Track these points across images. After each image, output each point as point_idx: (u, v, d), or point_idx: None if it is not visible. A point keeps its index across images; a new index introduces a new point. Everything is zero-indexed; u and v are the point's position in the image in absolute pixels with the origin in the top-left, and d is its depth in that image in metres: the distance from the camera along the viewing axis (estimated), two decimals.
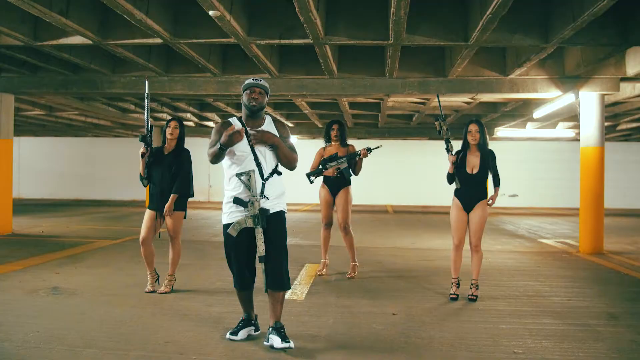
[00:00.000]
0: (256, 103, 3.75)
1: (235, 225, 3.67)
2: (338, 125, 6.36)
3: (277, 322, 3.73)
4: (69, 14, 6.17)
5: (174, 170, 5.27)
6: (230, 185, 3.75)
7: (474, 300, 5.13)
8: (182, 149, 5.40)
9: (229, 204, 3.76)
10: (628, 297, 5.62)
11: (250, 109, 3.77)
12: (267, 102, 3.87)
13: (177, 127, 5.38)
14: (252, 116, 3.82)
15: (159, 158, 5.32)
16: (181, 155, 5.35)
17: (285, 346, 3.60)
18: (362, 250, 8.36)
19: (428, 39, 6.64)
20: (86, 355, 3.56)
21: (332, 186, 6.29)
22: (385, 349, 3.79)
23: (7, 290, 5.36)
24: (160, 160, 5.32)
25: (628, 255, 8.50)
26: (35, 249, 8.06)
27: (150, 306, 4.86)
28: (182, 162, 5.31)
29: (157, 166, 5.30)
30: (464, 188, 5.24)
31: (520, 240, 10.43)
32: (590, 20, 5.60)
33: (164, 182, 5.27)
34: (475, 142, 5.20)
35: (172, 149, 5.38)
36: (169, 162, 5.30)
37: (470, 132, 5.22)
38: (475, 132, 5.19)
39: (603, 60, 7.59)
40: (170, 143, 5.39)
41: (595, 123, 8.77)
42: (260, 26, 6.65)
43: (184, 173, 5.30)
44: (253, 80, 3.79)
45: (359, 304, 5.11)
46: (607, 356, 3.71)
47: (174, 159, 5.32)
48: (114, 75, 9.43)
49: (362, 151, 6.14)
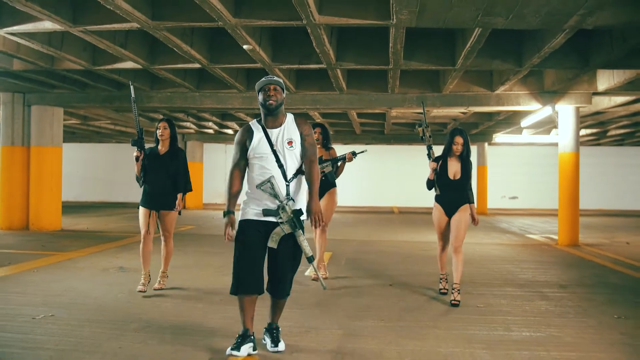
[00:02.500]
0: (273, 101, 3.58)
1: (274, 237, 3.52)
2: (320, 129, 6.36)
3: (272, 323, 3.76)
4: (127, 46, 7.59)
5: (173, 171, 5.41)
6: (251, 186, 3.64)
7: (457, 306, 5.04)
8: (177, 149, 5.52)
9: (247, 201, 3.65)
10: (581, 275, 6.91)
11: (268, 107, 3.60)
12: (284, 98, 3.69)
13: (166, 128, 5.45)
14: (270, 114, 3.65)
15: (155, 158, 5.41)
16: (178, 156, 5.47)
17: (274, 350, 3.64)
18: (367, 242, 9.70)
19: (422, 65, 8.00)
20: (152, 301, 4.93)
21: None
22: (386, 301, 5.13)
23: (85, 269, 6.76)
24: (156, 160, 5.41)
25: (600, 247, 9.77)
26: (89, 241, 9.47)
27: (206, 268, 6.23)
28: (180, 163, 5.46)
29: (153, 166, 5.38)
30: (446, 193, 5.34)
31: (509, 235, 11.72)
32: (552, 50, 6.94)
33: (160, 182, 5.38)
34: (459, 153, 5.30)
35: (167, 149, 5.47)
36: (165, 162, 5.41)
37: (455, 144, 5.28)
38: (460, 146, 5.26)
39: (572, 80, 8.93)
40: (164, 143, 5.48)
41: (571, 132, 10.07)
42: (282, 54, 8.03)
43: (183, 172, 5.49)
44: (266, 79, 3.65)
45: (362, 279, 6.45)
46: (546, 309, 5.03)
47: (170, 159, 5.43)
48: (151, 91, 10.86)
49: (348, 155, 6.20)
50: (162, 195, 5.42)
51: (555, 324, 4.52)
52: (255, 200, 3.60)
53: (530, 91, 9.99)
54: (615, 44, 6.93)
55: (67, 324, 4.29)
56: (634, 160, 22.96)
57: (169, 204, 5.46)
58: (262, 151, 3.59)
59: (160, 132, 5.45)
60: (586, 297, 5.58)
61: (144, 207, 5.44)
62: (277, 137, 3.62)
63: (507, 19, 5.64)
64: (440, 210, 5.38)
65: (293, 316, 4.62)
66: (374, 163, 22.55)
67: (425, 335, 4.15)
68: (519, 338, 4.12)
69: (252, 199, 3.63)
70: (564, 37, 6.32)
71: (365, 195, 22.52)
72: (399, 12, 5.50)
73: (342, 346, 3.85)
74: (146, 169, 5.36)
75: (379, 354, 3.72)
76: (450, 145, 5.33)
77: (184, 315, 4.65)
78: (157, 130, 5.46)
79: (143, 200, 5.45)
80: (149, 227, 5.46)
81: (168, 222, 5.54)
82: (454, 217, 5.28)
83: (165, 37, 6.77)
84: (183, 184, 5.52)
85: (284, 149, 3.60)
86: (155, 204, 5.43)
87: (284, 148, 3.60)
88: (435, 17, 5.73)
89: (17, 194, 11.23)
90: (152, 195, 5.41)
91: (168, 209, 5.48)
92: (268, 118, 3.67)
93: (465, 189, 5.32)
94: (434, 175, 5.40)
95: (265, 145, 3.59)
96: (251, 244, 3.53)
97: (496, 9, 5.37)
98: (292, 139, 3.63)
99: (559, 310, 5.03)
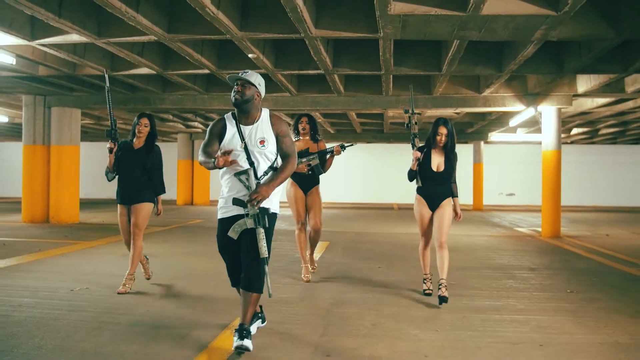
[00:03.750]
0: (238, 96, 3.56)
1: (236, 227, 3.52)
2: (307, 119, 5.94)
3: (242, 324, 3.51)
4: (143, 54, 8.41)
5: (149, 167, 5.20)
6: (224, 182, 3.66)
7: (445, 301, 4.79)
8: (154, 145, 5.28)
9: (223, 199, 3.66)
10: (552, 260, 7.66)
11: (233, 103, 3.60)
12: (256, 94, 3.63)
13: (147, 126, 5.24)
14: (239, 110, 3.63)
15: (128, 152, 5.20)
16: (155, 153, 5.24)
17: (239, 344, 3.42)
18: (363, 234, 10.49)
19: (411, 70, 8.78)
20: (164, 289, 5.74)
21: (302, 184, 5.90)
22: (373, 279, 5.92)
23: (107, 255, 7.58)
24: (130, 154, 5.20)
25: (580, 238, 10.51)
26: (107, 232, 10.31)
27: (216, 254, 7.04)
28: (155, 160, 5.24)
29: (127, 160, 5.18)
30: (429, 186, 5.08)
31: (499, 229, 12.48)
32: (526, 58, 7.70)
33: (134, 177, 5.18)
34: (442, 144, 5.03)
35: (142, 145, 5.25)
36: (140, 157, 5.19)
37: (439, 135, 5.00)
38: (444, 136, 4.98)
39: (551, 83, 9.70)
40: (140, 139, 5.26)
41: (553, 131, 10.82)
42: (284, 61, 8.82)
43: (159, 171, 5.30)
44: (235, 74, 3.63)
45: (354, 261, 7.25)
46: (510, 286, 5.80)
47: (146, 155, 5.21)
48: (163, 94, 11.68)
49: (336, 148, 5.78)
50: (136, 190, 5.20)
51: (514, 296, 5.30)
52: (224, 198, 3.65)
53: (515, 93, 10.75)
54: (583, 53, 7.70)
55: (100, 294, 5.10)
56: (629, 158, 23.62)
57: (143, 197, 5.21)
58: (234, 147, 3.55)
59: (140, 128, 5.21)
60: (549, 277, 6.35)
61: (121, 204, 5.29)
62: (249, 135, 3.58)
63: (480, 32, 6.41)
64: (422, 203, 5.12)
65: (289, 291, 5.42)
66: (375, 161, 23.35)
67: (400, 302, 4.93)
68: (479, 306, 4.90)
69: (223, 198, 3.67)
70: (533, 48, 7.08)
71: (366, 192, 23.31)
72: (384, 27, 6.29)
73: (330, 311, 4.65)
74: (119, 162, 5.16)
75: (360, 315, 4.51)
76: (434, 136, 5.05)
77: (200, 285, 5.45)
78: (136, 126, 5.22)
79: (119, 197, 5.28)
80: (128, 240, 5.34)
81: (140, 215, 5.21)
82: (438, 211, 5.03)
83: (178, 48, 7.57)
84: (160, 184, 5.33)
85: (255, 148, 3.56)
86: (129, 199, 5.22)
87: (255, 146, 3.57)
88: (417, 31, 6.51)
89: (38, 189, 12.08)
90: (126, 189, 5.22)
91: (141, 202, 5.22)
92: (239, 114, 3.65)
93: (449, 181, 5.07)
94: (417, 166, 5.07)
95: (237, 142, 3.57)
96: (223, 245, 3.66)
97: (469, 25, 6.14)
98: (265, 138, 3.59)
99: (522, 286, 5.80)
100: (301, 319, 4.36)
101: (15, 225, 11.51)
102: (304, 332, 4.02)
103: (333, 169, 7.59)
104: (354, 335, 3.93)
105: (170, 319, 4.35)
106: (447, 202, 5.06)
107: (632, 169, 23.56)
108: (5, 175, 24.74)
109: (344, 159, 22.86)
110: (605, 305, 4.97)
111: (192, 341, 3.76)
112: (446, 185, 5.08)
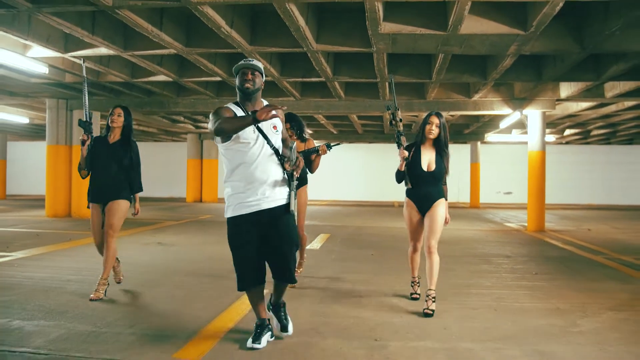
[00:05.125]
0: (250, 84, 3.48)
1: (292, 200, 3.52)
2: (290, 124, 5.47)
3: (278, 301, 3.73)
4: (162, 64, 9.34)
5: (127, 163, 4.87)
6: (235, 177, 3.50)
7: (431, 316, 4.40)
8: (130, 140, 4.93)
9: (234, 196, 3.51)
10: (529, 250, 8.53)
11: (244, 90, 3.50)
12: (263, 83, 3.60)
13: (120, 115, 4.87)
14: (247, 99, 3.55)
15: (103, 146, 4.85)
16: (131, 147, 4.90)
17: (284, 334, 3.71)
18: (362, 228, 11.38)
19: (405, 78, 9.68)
20: (189, 268, 6.66)
21: None
22: (367, 264, 6.82)
23: (131, 243, 8.52)
24: (105, 148, 4.84)
25: (562, 232, 11.37)
26: (127, 225, 11.23)
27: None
28: (133, 155, 4.91)
29: (101, 156, 4.81)
30: (419, 187, 4.64)
31: (489, 224, 13.35)
32: (506, 69, 8.58)
33: (110, 173, 4.82)
34: (434, 137, 4.57)
35: (118, 139, 4.89)
36: (116, 152, 4.84)
37: (429, 124, 4.54)
38: (435, 127, 4.53)
39: (534, 89, 10.58)
40: (115, 132, 4.89)
41: (538, 133, 11.69)
42: (289, 70, 9.74)
43: (138, 168, 4.99)
44: (244, 62, 3.53)
45: (351, 249, 8.15)
46: (485, 269, 6.67)
47: (122, 150, 4.85)
48: (177, 98, 12.62)
49: (322, 147, 5.42)
50: (111, 187, 4.83)
51: (485, 277, 6.18)
52: (239, 194, 3.50)
53: (502, 98, 11.62)
54: (557, 63, 8.57)
55: (133, 271, 6.01)
56: (622, 158, 24.40)
57: (119, 195, 4.86)
58: (246, 137, 3.43)
59: (113, 118, 4.85)
60: (521, 263, 7.23)
61: (94, 202, 4.89)
62: (262, 122, 3.41)
63: (461, 47, 7.30)
64: (412, 207, 4.73)
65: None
66: (376, 160, 24.23)
67: (386, 277, 5.82)
68: (452, 283, 5.78)
69: (236, 193, 3.51)
70: (510, 60, 7.97)
71: (367, 190, 24.20)
72: (377, 43, 7.18)
73: (323, 299, 5.54)
74: (93, 158, 4.81)
75: (348, 292, 5.41)
76: (424, 127, 4.59)
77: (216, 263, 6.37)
78: (110, 117, 4.86)
79: (91, 195, 4.89)
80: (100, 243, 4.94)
81: (115, 215, 4.84)
82: (429, 214, 4.62)
83: (194, 59, 8.49)
84: (138, 182, 5.00)
85: (271, 134, 3.52)
86: (104, 196, 4.85)
87: (270, 132, 3.52)
88: (405, 46, 7.41)
89: (61, 186, 13.05)
90: (101, 187, 4.84)
91: (117, 199, 4.85)
92: (246, 102, 3.56)
93: (440, 182, 4.66)
94: (405, 166, 4.61)
95: (250, 128, 3.41)
96: (247, 241, 3.51)
97: (450, 42, 7.03)
98: (276, 124, 3.58)
99: (494, 269, 6.69)
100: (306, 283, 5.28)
101: (41, 220, 12.47)
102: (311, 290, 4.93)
103: (336, 168, 8.45)
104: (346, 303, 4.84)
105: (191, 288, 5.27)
106: (440, 202, 4.63)
107: (625, 168, 24.32)
108: (24, 174, 25.66)
109: (346, 158, 23.81)
110: (559, 283, 5.85)
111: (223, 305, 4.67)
112: (439, 185, 4.65)
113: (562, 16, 6.79)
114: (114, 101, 12.91)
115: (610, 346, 3.70)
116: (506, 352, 3.57)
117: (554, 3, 5.54)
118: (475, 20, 6.51)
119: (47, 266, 6.45)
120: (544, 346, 3.68)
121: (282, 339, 3.77)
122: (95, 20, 7.27)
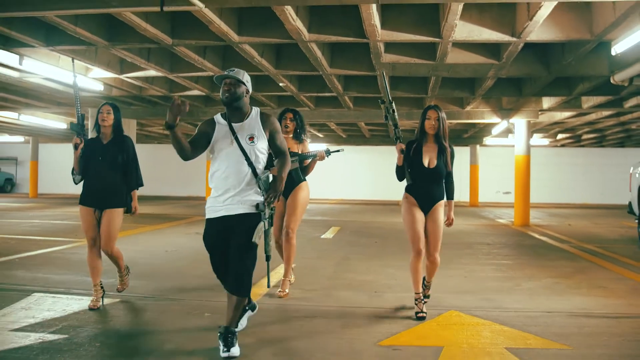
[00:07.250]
0: (228, 94, 3.55)
1: (259, 232, 3.50)
2: (292, 114, 5.33)
3: (228, 327, 3.48)
4: (198, 82, 11.01)
5: (122, 162, 4.62)
6: (212, 182, 3.63)
7: (423, 319, 4.32)
8: (124, 137, 4.71)
9: (209, 200, 3.67)
10: (508, 240, 10.09)
11: (224, 101, 3.58)
12: (246, 92, 3.63)
13: (110, 113, 4.62)
14: (230, 109, 3.62)
15: (97, 148, 4.59)
16: (126, 145, 4.67)
17: (225, 356, 3.38)
18: (369, 222, 13.02)
19: (404, 93, 11.31)
20: None
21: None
22: (371, 249, 8.43)
23: (172, 234, 10.18)
24: (99, 150, 4.59)
25: (545, 227, 12.92)
26: (160, 219, 12.93)
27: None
28: (129, 152, 4.67)
29: (95, 158, 4.56)
30: (421, 185, 4.47)
31: (482, 220, 14.93)
32: (490, 87, 10.18)
33: (106, 175, 4.56)
34: (434, 131, 4.42)
35: (110, 138, 4.65)
36: (110, 153, 4.59)
37: (428, 119, 4.42)
38: (434, 120, 4.39)
39: (518, 101, 12.17)
40: (106, 131, 4.64)
41: (523, 139, 13.27)
42: (306, 86, 11.39)
43: (134, 164, 4.72)
44: (225, 72, 3.58)
45: (359, 238, 9.77)
46: (465, 253, 8.25)
47: (117, 149, 4.61)
48: (206, 107, 14.30)
49: (320, 154, 5.23)
50: (108, 192, 4.58)
51: (464, 257, 7.77)
52: (212, 198, 3.63)
53: (492, 108, 13.22)
54: (532, 82, 10.16)
55: (186, 253, 7.66)
56: (614, 159, 25.80)
57: (116, 202, 4.61)
58: (221, 146, 3.56)
59: (102, 116, 4.60)
60: (498, 249, 8.83)
61: (88, 206, 4.57)
62: (239, 132, 3.56)
63: (449, 72, 8.91)
64: (413, 203, 4.49)
65: (309, 252, 7.96)
66: (383, 162, 25.82)
67: (386, 257, 7.43)
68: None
69: (211, 198, 3.64)
70: (492, 81, 9.58)
71: (374, 190, 25.82)
72: (379, 68, 8.81)
73: (337, 270, 7.16)
74: (87, 160, 4.55)
75: (356, 265, 7.03)
76: (424, 122, 4.46)
77: None
78: (99, 115, 4.61)
79: (84, 198, 4.59)
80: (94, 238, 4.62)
81: (112, 225, 4.58)
82: (430, 217, 4.47)
83: (218, 79, 10.15)
84: (134, 179, 4.74)
85: (246, 144, 3.54)
86: (100, 202, 4.57)
87: (245, 143, 3.54)
88: (403, 71, 9.05)
89: None
90: (96, 191, 4.57)
91: (114, 207, 4.60)
92: (229, 112, 3.65)
93: (442, 180, 4.50)
94: (404, 162, 4.46)
95: (227, 140, 3.55)
96: (211, 245, 3.65)
97: (439, 68, 8.64)
98: (254, 135, 3.59)
99: (473, 253, 8.28)
100: (315, 263, 6.90)
101: None
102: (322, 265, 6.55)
103: (345, 169, 9.97)
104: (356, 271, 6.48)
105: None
106: (440, 205, 4.51)
107: (618, 169, 25.74)
108: (53, 174, 27.30)
109: (354, 160, 25.45)
110: (523, 262, 7.45)
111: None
112: (439, 184, 4.49)
113: (531, 47, 8.37)
114: (148, 110, 14.61)
115: (538, 296, 5.31)
116: (465, 298, 5.19)
117: (516, 44, 7.13)
118: (458, 52, 8.11)
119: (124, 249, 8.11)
120: (491, 295, 5.29)
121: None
122: (150, 51, 8.94)
